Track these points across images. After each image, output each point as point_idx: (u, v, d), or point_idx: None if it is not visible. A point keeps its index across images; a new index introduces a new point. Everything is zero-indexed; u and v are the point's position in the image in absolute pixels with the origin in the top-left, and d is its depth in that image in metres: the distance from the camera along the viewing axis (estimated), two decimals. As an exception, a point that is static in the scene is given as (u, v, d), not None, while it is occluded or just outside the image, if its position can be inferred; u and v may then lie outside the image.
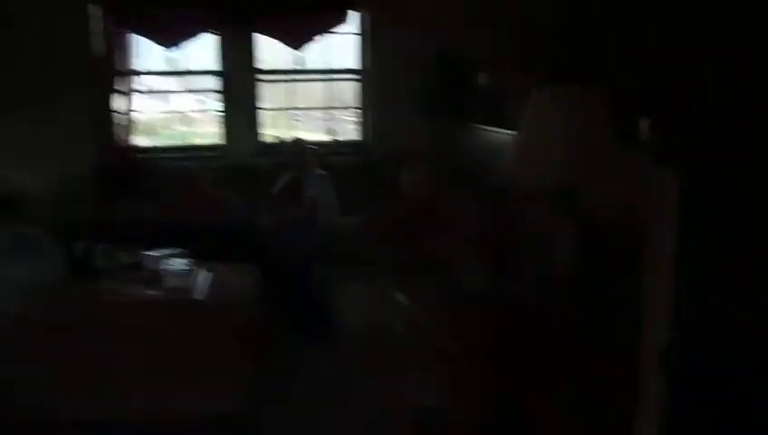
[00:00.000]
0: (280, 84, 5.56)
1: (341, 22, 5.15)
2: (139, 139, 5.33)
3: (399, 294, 3.39)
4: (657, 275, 2.40)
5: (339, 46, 5.44)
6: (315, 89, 5.67)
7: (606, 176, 2.47)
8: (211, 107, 5.44)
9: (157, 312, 3.12)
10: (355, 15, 5.28)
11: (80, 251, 3.40)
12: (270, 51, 5.29)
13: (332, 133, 5.58)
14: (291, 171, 4.76)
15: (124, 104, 5.03)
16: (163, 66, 5.23)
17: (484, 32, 4.86)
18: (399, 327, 3.22)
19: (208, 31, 5.07)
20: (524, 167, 2.54)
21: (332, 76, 5.60)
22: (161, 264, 3.35)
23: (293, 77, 5.50)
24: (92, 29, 4.85)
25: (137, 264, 3.44)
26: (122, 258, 3.46)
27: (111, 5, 4.86)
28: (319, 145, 5.27)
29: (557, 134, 2.39)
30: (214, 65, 5.23)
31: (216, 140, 5.34)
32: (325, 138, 5.57)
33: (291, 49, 5.17)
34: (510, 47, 4.70)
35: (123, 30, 4.95)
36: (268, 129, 5.43)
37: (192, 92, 5.68)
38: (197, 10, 4.92)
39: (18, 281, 3.13)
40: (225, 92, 5.25)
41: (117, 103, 4.99)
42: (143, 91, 5.33)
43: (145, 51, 5.12)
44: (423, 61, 5.09)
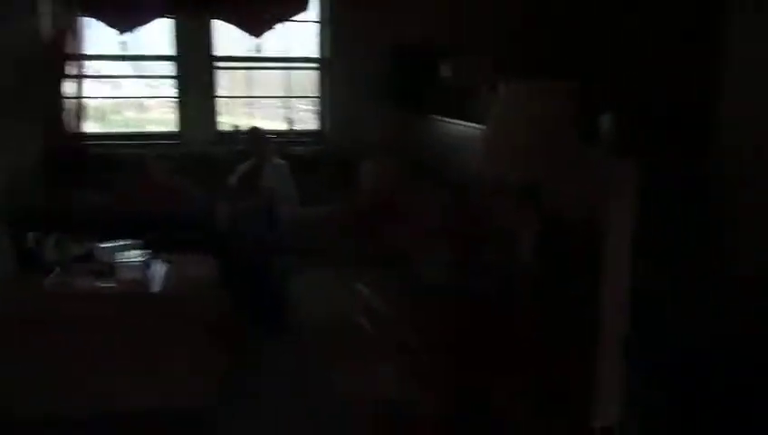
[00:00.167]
0: (238, 72, 5.45)
1: (302, 9, 5.07)
2: (91, 125, 5.15)
3: (360, 285, 3.38)
4: (614, 271, 2.45)
5: (298, 34, 5.36)
6: (274, 77, 5.58)
7: (570, 172, 2.49)
8: (166, 93, 5.30)
9: (110, 305, 3.04)
10: (315, 3, 5.22)
11: (30, 242, 3.28)
12: (228, 37, 5.17)
13: (291, 122, 5.50)
14: (249, 161, 4.69)
15: (74, 90, 4.86)
16: (116, 51, 5.05)
17: (446, 22, 4.85)
18: (360, 319, 3.21)
19: (164, 15, 4.92)
20: (490, 161, 2.54)
21: (291, 64, 5.53)
22: (115, 255, 3.26)
23: (252, 64, 5.41)
24: (41, 11, 4.66)
25: (90, 255, 3.35)
26: (74, 250, 3.36)
27: (62, -14, 4.68)
28: (277, 134, 5.22)
29: (524, 129, 2.38)
30: (169, 50, 5.10)
31: (172, 128, 5.22)
32: (284, 127, 5.49)
33: (249, 36, 5.07)
34: (472, 39, 4.70)
35: (74, 12, 4.76)
36: (225, 117, 5.33)
37: (146, 78, 5.52)
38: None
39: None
40: (180, 79, 5.12)
41: (67, 89, 4.81)
42: (95, 76, 5.16)
43: (97, 34, 4.94)
44: (383, 50, 5.07)
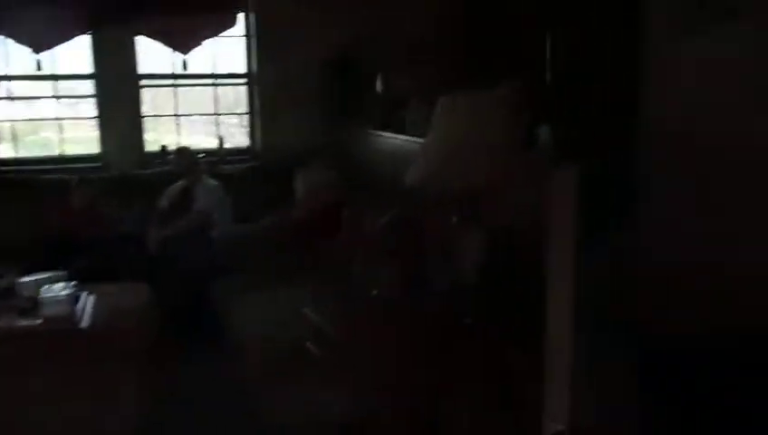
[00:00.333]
0: (163, 89, 5.27)
1: (229, 25, 4.94)
2: (4, 148, 4.87)
3: (301, 304, 3.28)
4: (559, 278, 2.44)
5: (226, 49, 5.24)
6: (202, 94, 5.41)
7: (512, 181, 2.47)
8: (87, 113, 5.05)
9: (35, 344, 2.83)
10: (243, 18, 5.12)
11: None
12: (152, 54, 4.99)
13: (221, 140, 5.34)
14: (178, 181, 4.52)
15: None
16: (33, 70, 4.78)
17: (380, 34, 4.81)
18: (304, 341, 3.11)
19: (83, 32, 4.70)
20: (432, 173, 2.49)
21: (220, 81, 5.38)
22: (38, 289, 3.04)
23: (178, 82, 5.23)
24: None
25: (9, 291, 3.11)
26: (-8, 285, 3.13)
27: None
28: (207, 153, 5.06)
29: (465, 140, 2.35)
30: (89, 69, 4.87)
31: (94, 150, 4.98)
32: (214, 145, 5.33)
33: (176, 52, 4.90)
34: (403, 51, 4.67)
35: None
36: (152, 137, 5.13)
37: (65, 98, 5.26)
38: (70, 10, 4.54)
39: None
40: (101, 98, 4.90)
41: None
42: (10, 96, 4.89)
43: (12, 52, 4.69)
44: (313, 64, 4.99)
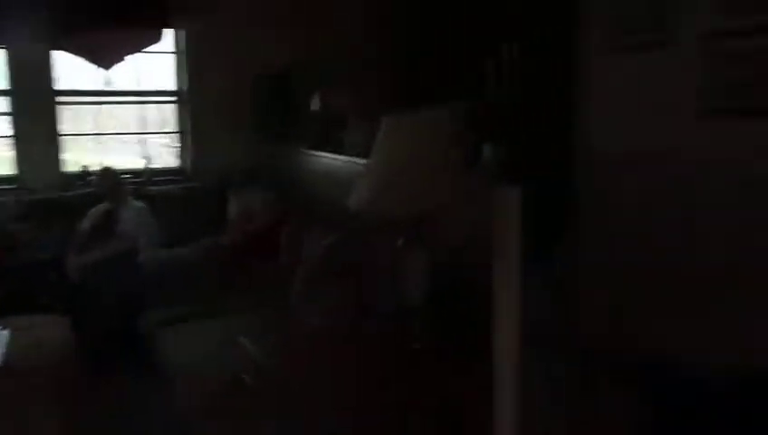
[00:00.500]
0: (85, 107, 5.00)
1: (155, 40, 4.73)
2: None
3: (237, 333, 3.12)
4: (506, 297, 2.40)
5: (154, 65, 5.03)
6: (127, 112, 5.17)
7: (457, 203, 2.42)
8: (1, 132, 4.73)
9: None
10: (172, 34, 4.95)
11: None
12: (73, 69, 4.74)
13: (148, 160, 5.11)
14: (102, 204, 4.27)
15: None
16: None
17: (317, 52, 4.73)
18: (240, 372, 2.95)
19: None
20: (375, 194, 2.41)
21: (146, 98, 5.15)
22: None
23: (102, 99, 4.98)
24: None
25: None
26: None
27: None
28: (133, 173, 4.82)
29: (409, 161, 2.28)
30: (4, 84, 4.57)
31: (9, 171, 4.66)
32: (140, 165, 5.09)
33: (98, 68, 4.65)
34: (340, 70, 4.60)
35: None
36: (72, 157, 4.84)
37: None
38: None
39: None
40: (16, 115, 4.60)
41: None
42: None
43: None
44: (245, 81, 4.86)
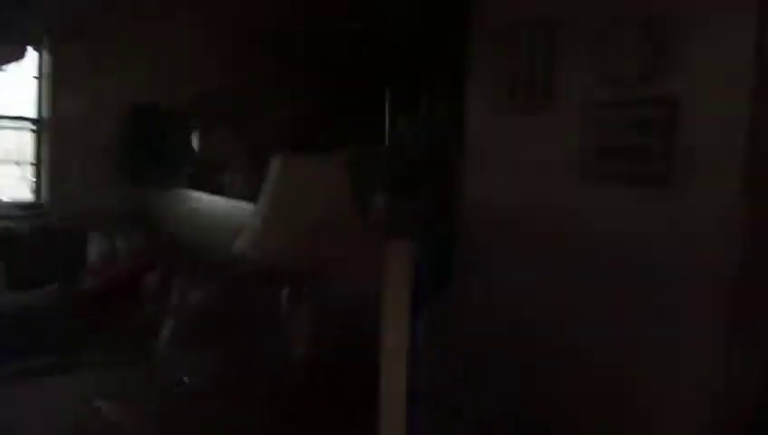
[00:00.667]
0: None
1: (15, 58, 4.35)
2: None
3: (93, 393, 2.78)
4: (393, 349, 2.30)
5: (14, 90, 4.61)
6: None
7: (347, 252, 2.31)
8: None
9: None
10: (35, 54, 4.58)
11: None
12: None
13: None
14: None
15: None
16: None
17: (197, 87, 4.50)
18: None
19: None
20: (261, 241, 2.25)
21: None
22: None
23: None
24: None
25: None
26: None
27: None
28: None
29: (299, 206, 2.17)
30: None
31: None
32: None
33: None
34: (229, 108, 4.41)
35: None
36: None
37: None
38: None
39: None
40: None
41: None
42: None
43: None
44: (117, 114, 4.55)
